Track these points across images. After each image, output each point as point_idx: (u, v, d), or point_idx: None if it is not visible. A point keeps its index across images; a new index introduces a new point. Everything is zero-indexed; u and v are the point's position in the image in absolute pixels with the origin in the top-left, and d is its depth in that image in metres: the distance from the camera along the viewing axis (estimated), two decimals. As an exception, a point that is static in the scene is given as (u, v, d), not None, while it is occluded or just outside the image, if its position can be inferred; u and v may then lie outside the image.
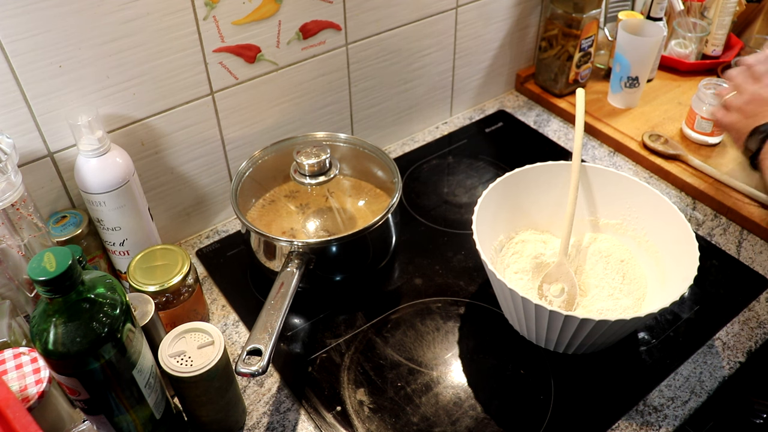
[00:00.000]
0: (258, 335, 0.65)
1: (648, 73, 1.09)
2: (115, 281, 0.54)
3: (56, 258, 0.47)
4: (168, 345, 0.62)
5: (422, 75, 1.05)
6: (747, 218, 0.91)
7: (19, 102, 0.68)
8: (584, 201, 0.84)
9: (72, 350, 0.49)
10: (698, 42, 1.17)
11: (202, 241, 0.92)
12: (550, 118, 1.16)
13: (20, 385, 0.58)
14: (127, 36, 0.71)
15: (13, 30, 0.64)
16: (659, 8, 1.08)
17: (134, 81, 0.75)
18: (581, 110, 0.86)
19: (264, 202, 0.86)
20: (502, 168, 1.03)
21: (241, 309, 0.82)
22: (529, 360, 0.75)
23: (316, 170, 0.81)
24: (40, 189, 0.75)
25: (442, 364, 0.75)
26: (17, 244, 0.63)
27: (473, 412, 0.70)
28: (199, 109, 0.82)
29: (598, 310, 0.76)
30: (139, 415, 0.58)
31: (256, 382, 0.74)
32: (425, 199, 0.99)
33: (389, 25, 0.95)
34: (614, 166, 1.04)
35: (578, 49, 1.09)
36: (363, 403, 0.71)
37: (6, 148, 0.61)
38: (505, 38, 1.13)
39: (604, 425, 0.69)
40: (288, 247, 0.75)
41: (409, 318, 0.80)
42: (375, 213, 0.82)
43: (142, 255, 0.73)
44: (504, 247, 0.84)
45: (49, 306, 0.49)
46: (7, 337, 0.63)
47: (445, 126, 1.15)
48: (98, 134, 0.69)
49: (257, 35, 0.82)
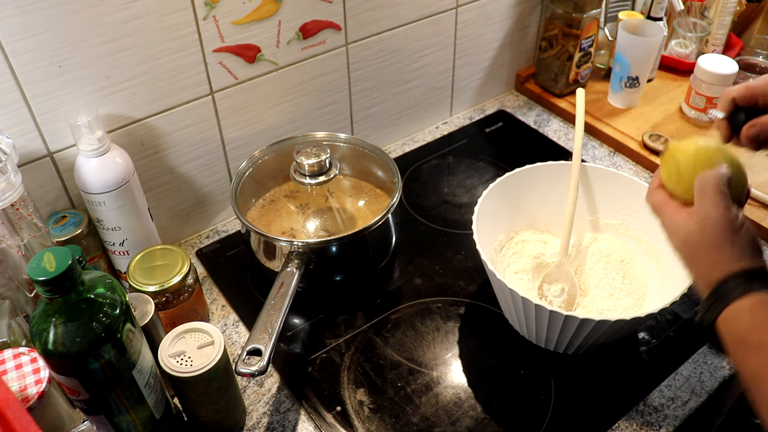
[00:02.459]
0: (258, 335, 0.65)
1: (648, 73, 1.09)
2: (115, 281, 0.54)
3: (56, 258, 0.47)
4: (168, 345, 0.62)
5: (422, 75, 1.05)
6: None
7: (18, 102, 0.68)
8: (584, 201, 0.84)
9: (72, 350, 0.49)
10: (698, 42, 1.17)
11: (202, 241, 0.92)
12: (550, 118, 1.16)
13: (20, 385, 0.58)
14: (126, 36, 0.71)
15: (13, 30, 0.64)
16: (659, 8, 1.08)
17: (134, 81, 0.75)
18: (581, 110, 0.86)
19: (264, 202, 0.86)
20: (502, 168, 1.03)
21: (241, 309, 0.82)
22: (529, 360, 0.75)
23: (316, 170, 0.81)
24: (40, 189, 0.75)
25: (442, 364, 0.75)
26: (17, 244, 0.63)
27: (473, 412, 0.70)
28: (199, 109, 0.82)
29: (598, 310, 0.76)
30: (139, 415, 0.58)
31: (256, 382, 0.74)
32: (425, 199, 0.99)
33: (389, 25, 0.94)
34: (614, 166, 1.04)
35: (578, 49, 1.09)
36: (363, 403, 0.71)
37: (6, 148, 0.61)
38: (505, 38, 1.13)
39: (605, 425, 0.69)
40: (288, 247, 0.75)
41: (409, 318, 0.80)
42: (375, 213, 0.82)
43: (142, 255, 0.73)
44: (504, 247, 0.84)
45: (48, 306, 0.49)
46: (6, 337, 0.63)
47: (445, 126, 1.15)
48: (98, 134, 0.69)
49: (257, 35, 0.82)
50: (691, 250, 0.52)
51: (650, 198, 0.58)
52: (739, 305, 0.47)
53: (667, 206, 0.55)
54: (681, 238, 0.53)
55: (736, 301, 0.47)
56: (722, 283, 0.48)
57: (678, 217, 0.53)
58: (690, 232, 0.51)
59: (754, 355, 0.45)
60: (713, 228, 0.50)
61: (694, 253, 0.51)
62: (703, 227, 0.50)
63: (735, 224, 0.50)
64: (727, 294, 0.48)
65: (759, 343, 0.45)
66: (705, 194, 0.51)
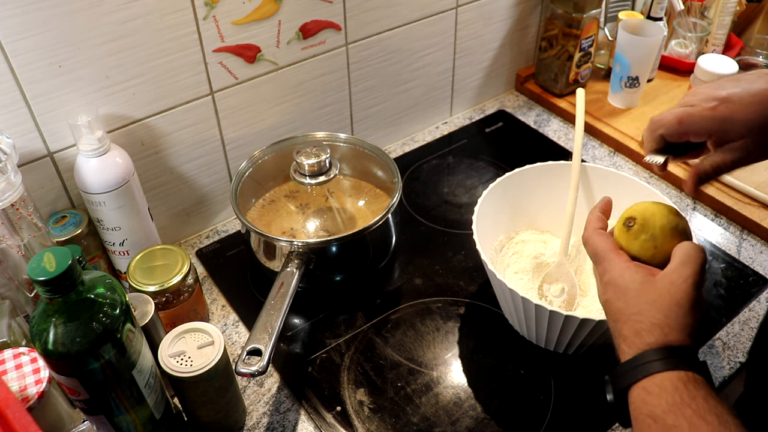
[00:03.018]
0: (258, 335, 0.65)
1: (648, 73, 1.09)
2: (114, 281, 0.54)
3: (56, 258, 0.47)
4: (168, 345, 0.62)
5: (422, 75, 1.05)
6: (747, 218, 0.91)
7: (18, 102, 0.68)
8: (584, 201, 0.84)
9: (72, 350, 0.49)
10: (698, 42, 1.17)
11: (202, 241, 0.92)
12: (550, 118, 1.16)
13: (20, 385, 0.58)
14: (126, 36, 0.71)
15: (13, 30, 0.64)
16: (659, 8, 1.08)
17: (134, 81, 0.75)
18: (581, 110, 0.86)
19: (264, 202, 0.86)
20: (502, 168, 1.03)
21: (241, 309, 0.82)
22: (529, 360, 0.75)
23: (316, 170, 0.81)
24: (40, 189, 0.75)
25: (442, 364, 0.75)
26: (17, 244, 0.63)
27: (473, 412, 0.70)
28: (199, 109, 0.82)
29: (598, 310, 0.76)
30: (139, 415, 0.58)
31: (256, 382, 0.74)
32: (425, 199, 0.99)
33: (389, 25, 0.94)
34: (614, 166, 1.04)
35: (578, 49, 1.09)
36: (363, 403, 0.71)
37: (6, 148, 0.61)
38: (505, 38, 1.13)
39: (605, 425, 0.69)
40: (288, 247, 0.75)
41: (409, 318, 0.80)
42: (375, 213, 0.82)
43: (142, 255, 0.73)
44: (504, 247, 0.84)
45: (48, 306, 0.49)
46: (6, 337, 0.63)
47: (445, 126, 1.15)
48: (98, 134, 0.69)
49: (257, 35, 0.82)
50: (639, 302, 0.48)
51: (593, 240, 0.55)
52: (662, 380, 0.44)
53: (618, 257, 0.53)
54: (630, 289, 0.49)
55: (662, 372, 0.44)
56: (654, 350, 0.46)
57: (630, 271, 0.51)
58: (647, 285, 0.49)
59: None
60: (683, 290, 0.48)
61: (639, 306, 0.48)
62: (671, 285, 0.48)
63: (701, 299, 0.49)
64: (653, 363, 0.45)
65: (673, 426, 0.42)
66: (692, 263, 0.49)
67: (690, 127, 0.53)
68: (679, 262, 0.50)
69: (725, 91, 0.52)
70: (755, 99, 0.51)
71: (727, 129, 0.52)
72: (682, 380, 0.44)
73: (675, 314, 0.47)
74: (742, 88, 0.52)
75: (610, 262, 0.53)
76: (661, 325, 0.47)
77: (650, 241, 0.54)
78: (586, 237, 0.57)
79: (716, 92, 0.52)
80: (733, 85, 0.52)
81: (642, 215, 0.55)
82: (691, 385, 0.43)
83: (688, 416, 0.42)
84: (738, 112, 0.51)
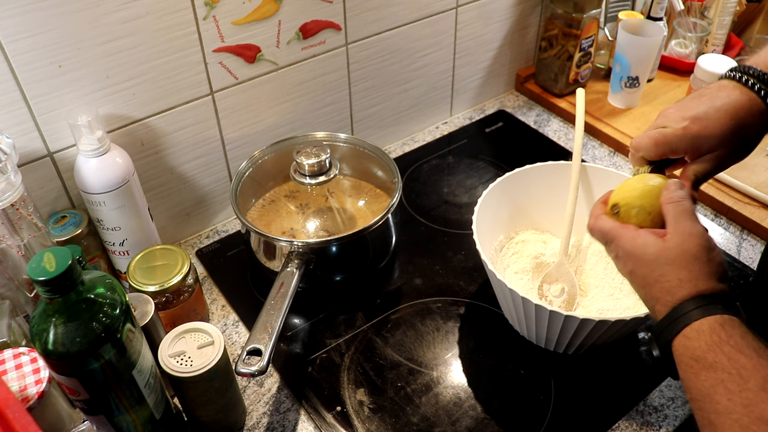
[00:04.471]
0: (258, 335, 0.65)
1: (648, 73, 1.09)
2: (114, 281, 0.54)
3: (56, 258, 0.47)
4: (168, 345, 0.62)
5: (422, 75, 1.05)
6: (747, 218, 0.91)
7: (18, 102, 0.68)
8: (584, 201, 0.84)
9: (72, 350, 0.49)
10: (698, 42, 1.17)
11: (202, 241, 0.92)
12: (550, 118, 1.16)
13: (20, 385, 0.58)
14: (126, 36, 0.71)
15: (13, 30, 0.64)
16: (659, 8, 1.08)
17: (134, 81, 0.75)
18: (581, 110, 0.86)
19: (264, 202, 0.86)
20: (502, 168, 1.03)
21: (241, 309, 0.82)
22: (529, 360, 0.75)
23: (316, 170, 0.81)
24: (40, 189, 0.75)
25: (442, 364, 0.75)
26: (17, 244, 0.63)
27: (473, 412, 0.70)
28: (199, 109, 0.82)
29: (598, 310, 0.76)
30: (139, 415, 0.58)
31: (256, 382, 0.74)
32: (425, 199, 0.99)
33: (389, 24, 0.94)
34: (614, 166, 1.04)
35: (578, 49, 1.09)
36: (363, 403, 0.71)
37: (6, 148, 0.61)
38: (505, 38, 1.13)
39: (605, 425, 0.69)
40: (288, 247, 0.75)
41: (409, 318, 0.80)
42: (375, 213, 0.82)
43: (142, 255, 0.73)
44: (504, 247, 0.84)
45: (48, 306, 0.49)
46: (6, 337, 0.63)
47: (445, 126, 1.15)
48: (98, 134, 0.69)
49: (257, 35, 0.82)
50: (659, 265, 0.51)
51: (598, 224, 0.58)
52: (700, 325, 0.47)
53: (625, 228, 0.55)
54: (647, 255, 0.52)
55: (697, 321, 0.47)
56: (687, 301, 0.49)
57: (641, 236, 0.53)
58: (661, 249, 0.51)
59: (707, 373, 0.45)
60: (694, 244, 0.50)
61: (661, 269, 0.51)
62: (682, 243, 0.51)
63: (711, 243, 0.51)
64: (689, 313, 0.48)
65: (713, 362, 0.45)
66: (683, 216, 0.52)
67: (666, 147, 0.57)
68: (673, 220, 0.52)
69: (692, 111, 0.56)
70: (720, 113, 0.56)
71: (700, 145, 0.56)
72: (718, 322, 0.47)
73: (697, 267, 0.50)
74: (707, 105, 0.56)
75: (620, 237, 0.55)
76: (688, 279, 0.49)
77: (642, 212, 0.55)
78: (591, 224, 0.59)
79: (684, 113, 0.57)
80: (698, 104, 0.57)
81: (621, 197, 0.57)
82: (727, 325, 0.47)
83: (726, 352, 0.45)
84: (707, 128, 0.55)
